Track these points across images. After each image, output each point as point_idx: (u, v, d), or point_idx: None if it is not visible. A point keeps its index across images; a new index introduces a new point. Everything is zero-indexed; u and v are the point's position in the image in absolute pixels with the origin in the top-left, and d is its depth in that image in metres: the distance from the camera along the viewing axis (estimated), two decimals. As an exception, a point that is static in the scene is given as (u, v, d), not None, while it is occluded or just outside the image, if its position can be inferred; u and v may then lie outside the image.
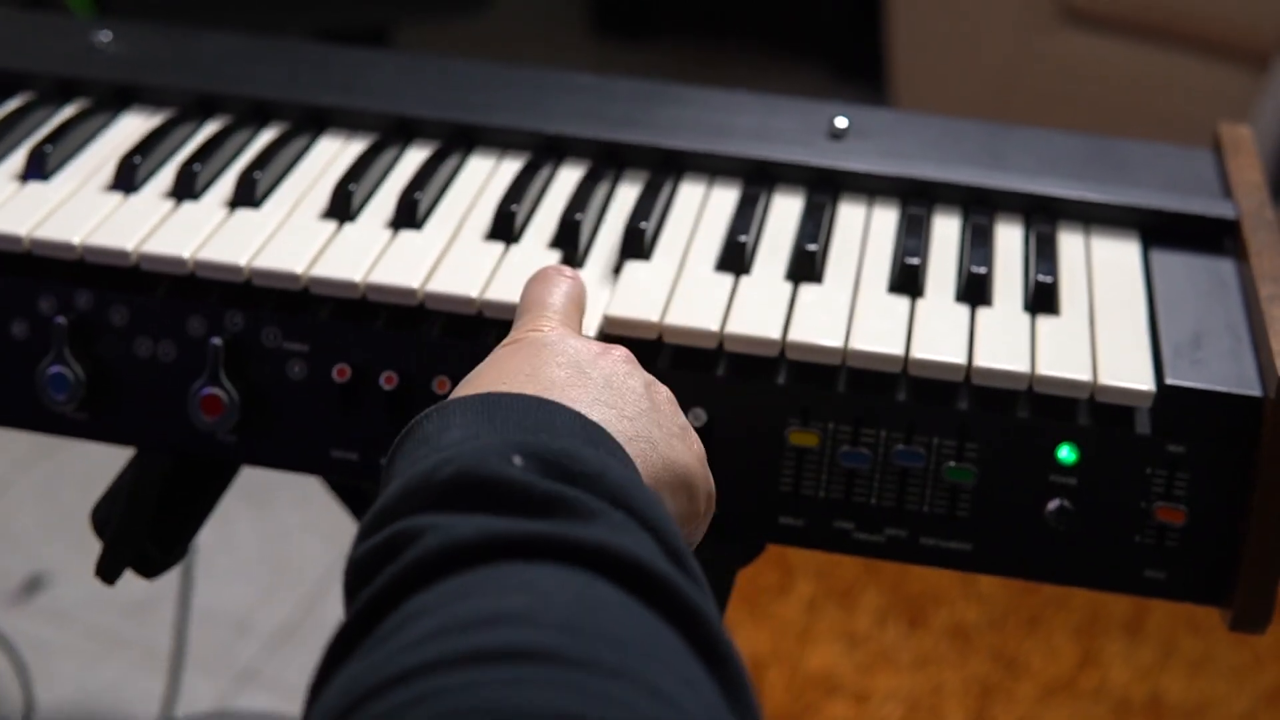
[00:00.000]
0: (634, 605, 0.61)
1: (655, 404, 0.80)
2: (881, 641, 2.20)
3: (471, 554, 0.62)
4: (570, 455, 0.68)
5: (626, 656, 0.57)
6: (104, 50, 1.15)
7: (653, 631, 0.60)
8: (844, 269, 0.99)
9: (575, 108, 1.10)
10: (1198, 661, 2.20)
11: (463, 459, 0.67)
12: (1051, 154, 1.09)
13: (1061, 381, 0.90)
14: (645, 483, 0.74)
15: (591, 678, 0.55)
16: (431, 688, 0.54)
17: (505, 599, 0.59)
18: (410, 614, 0.59)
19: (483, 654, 0.56)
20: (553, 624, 0.57)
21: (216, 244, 0.96)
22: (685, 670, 0.59)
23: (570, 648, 0.56)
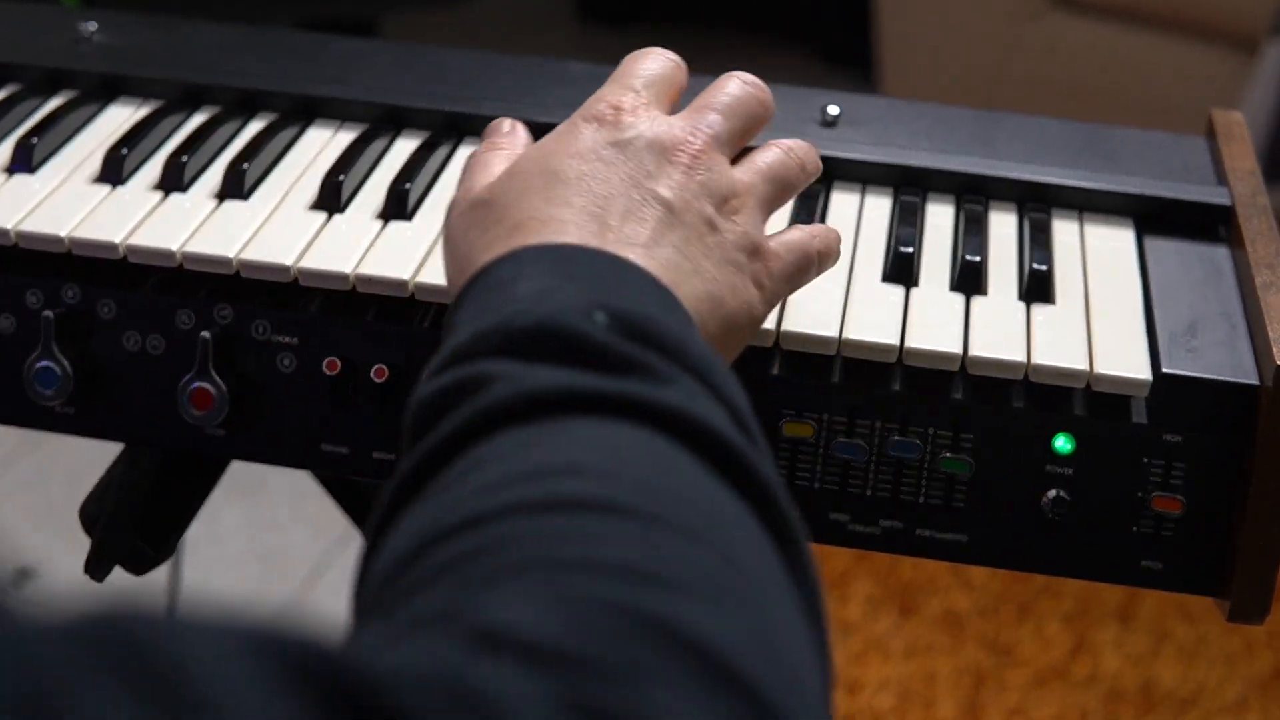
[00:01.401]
0: (708, 474, 0.59)
1: (723, 235, 0.78)
2: (873, 631, 2.20)
3: (546, 405, 0.60)
4: (653, 320, 0.66)
5: (698, 520, 0.56)
6: (90, 41, 1.14)
7: (725, 501, 0.59)
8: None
9: (566, 97, 1.09)
10: (1190, 649, 2.20)
11: (543, 310, 0.65)
12: (1044, 141, 1.08)
13: (1057, 371, 0.89)
14: (710, 341, 0.73)
15: (663, 535, 0.54)
16: (501, 534, 0.53)
17: (579, 452, 0.58)
18: (479, 459, 0.58)
19: (554, 503, 0.54)
20: (628, 480, 0.56)
21: (205, 236, 0.95)
22: (755, 542, 0.58)
23: (644, 505, 0.55)
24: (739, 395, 0.66)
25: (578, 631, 0.47)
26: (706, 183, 0.78)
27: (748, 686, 0.48)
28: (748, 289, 0.78)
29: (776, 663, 0.51)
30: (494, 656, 0.44)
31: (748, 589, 0.54)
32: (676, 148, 0.79)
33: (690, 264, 0.75)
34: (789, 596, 0.57)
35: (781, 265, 0.82)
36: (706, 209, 0.78)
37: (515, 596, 0.49)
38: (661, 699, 0.45)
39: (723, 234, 0.78)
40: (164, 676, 0.36)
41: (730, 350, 0.79)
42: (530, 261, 0.71)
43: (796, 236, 0.85)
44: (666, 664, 0.47)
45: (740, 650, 0.49)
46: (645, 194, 0.76)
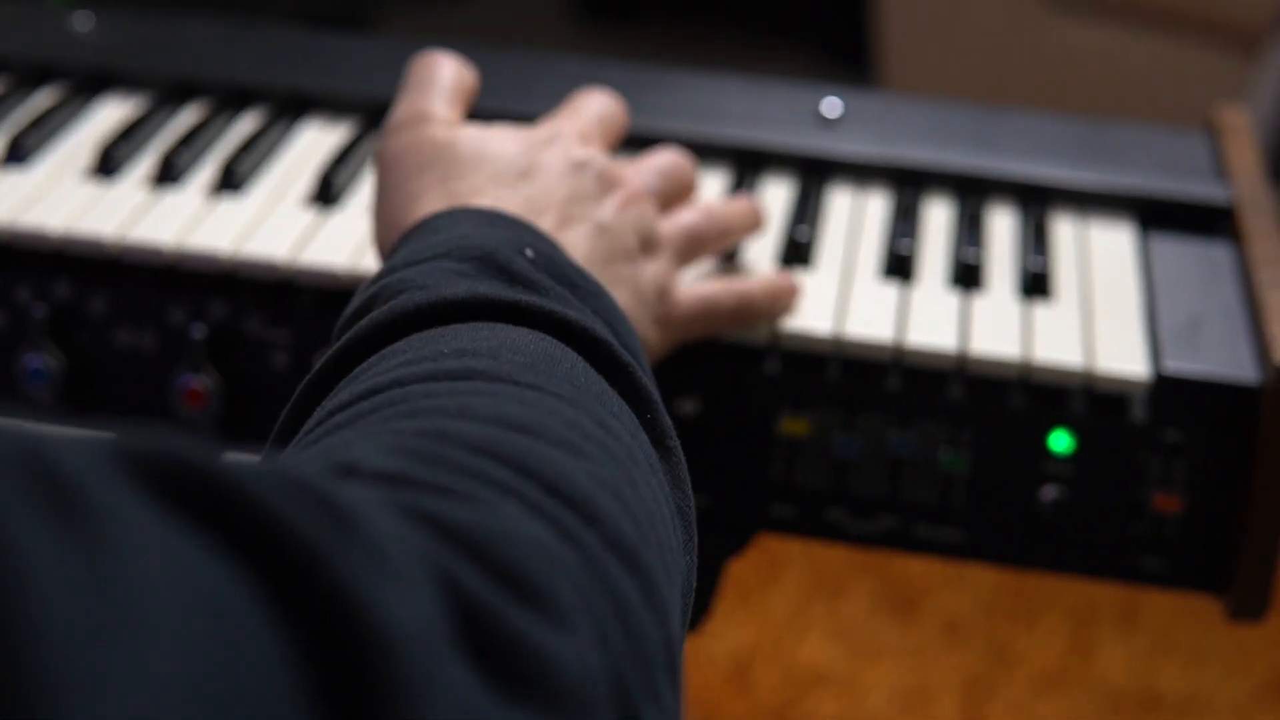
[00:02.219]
0: (598, 376, 0.65)
1: (637, 269, 0.83)
2: (871, 633, 2.20)
3: (456, 310, 0.65)
4: (573, 267, 0.73)
5: (581, 394, 0.61)
6: (82, 35, 1.14)
7: (611, 395, 0.64)
8: (835, 255, 0.97)
9: (560, 93, 1.08)
10: (1191, 653, 2.19)
11: (472, 235, 0.71)
12: (1044, 138, 1.07)
13: (1056, 368, 0.89)
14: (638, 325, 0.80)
15: (543, 396, 0.59)
16: (391, 397, 0.58)
17: (475, 342, 0.63)
18: (386, 354, 0.63)
19: (443, 373, 0.59)
20: (513, 361, 0.61)
21: (197, 232, 0.95)
22: (632, 427, 0.63)
23: (525, 378, 0.60)
24: (640, 351, 0.73)
25: (434, 463, 0.52)
26: (636, 221, 0.84)
27: (594, 512, 0.52)
28: (645, 325, 0.83)
29: (630, 509, 0.55)
30: (346, 479, 0.49)
31: (614, 449, 0.59)
32: (620, 183, 0.84)
33: (607, 277, 0.80)
34: (659, 485, 0.62)
35: (683, 314, 0.86)
36: (631, 243, 0.83)
37: (379, 440, 0.54)
38: (501, 516, 0.49)
39: (638, 268, 0.83)
40: (61, 490, 0.38)
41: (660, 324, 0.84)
42: (469, 216, 0.75)
43: (709, 292, 0.88)
44: (515, 490, 0.51)
45: (592, 488, 0.54)
46: (584, 211, 0.82)
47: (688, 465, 0.67)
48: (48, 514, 0.37)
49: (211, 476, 0.41)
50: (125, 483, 0.40)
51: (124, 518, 0.39)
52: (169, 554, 0.39)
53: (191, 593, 0.38)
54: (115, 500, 0.39)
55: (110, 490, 0.39)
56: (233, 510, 0.41)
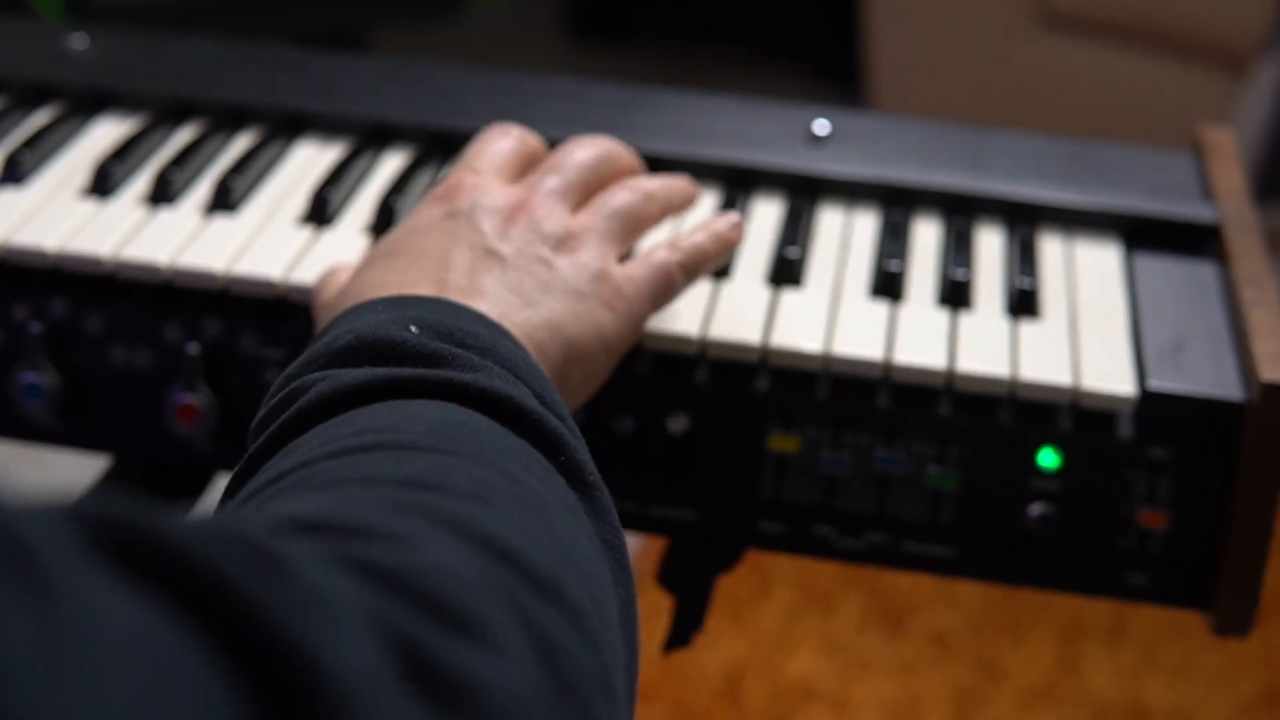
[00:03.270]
0: (502, 429, 0.66)
1: (558, 270, 0.83)
2: (861, 648, 2.20)
3: (355, 396, 0.67)
4: (462, 329, 0.73)
5: (484, 450, 0.62)
6: (78, 55, 1.14)
7: (516, 444, 0.65)
8: (824, 274, 0.98)
9: (553, 113, 1.09)
10: (1178, 667, 2.20)
11: (360, 328, 0.72)
12: (1032, 158, 1.08)
13: (1043, 386, 0.89)
14: (550, 366, 0.79)
15: (444, 457, 0.60)
16: (299, 476, 0.60)
17: (376, 419, 0.65)
18: (295, 446, 0.65)
19: (347, 449, 0.61)
20: (417, 430, 0.63)
21: (193, 250, 0.95)
22: (545, 474, 0.64)
23: (430, 442, 0.61)
24: (548, 386, 0.73)
25: (351, 513, 0.54)
26: (538, 229, 0.84)
27: (512, 555, 0.54)
28: (593, 313, 0.82)
29: (548, 549, 0.57)
30: (282, 532, 0.51)
31: (527, 498, 0.60)
32: (509, 207, 0.85)
33: (520, 298, 0.80)
34: (579, 520, 0.63)
35: (635, 286, 0.85)
36: (541, 251, 0.83)
37: (310, 499, 0.57)
38: (422, 553, 0.51)
39: (557, 270, 0.83)
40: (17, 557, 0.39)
41: (585, 368, 0.83)
42: (364, 310, 0.76)
43: (655, 258, 0.88)
44: (428, 532, 0.53)
45: (509, 533, 0.55)
46: (478, 249, 0.82)
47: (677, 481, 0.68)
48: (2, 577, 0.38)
49: (157, 538, 0.43)
50: (77, 546, 0.41)
51: (75, 580, 0.40)
52: (117, 614, 0.40)
53: (140, 650, 0.40)
54: (67, 563, 0.40)
55: (62, 554, 0.40)
56: (177, 568, 0.42)
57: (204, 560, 0.43)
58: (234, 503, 0.63)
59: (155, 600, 0.41)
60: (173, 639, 0.41)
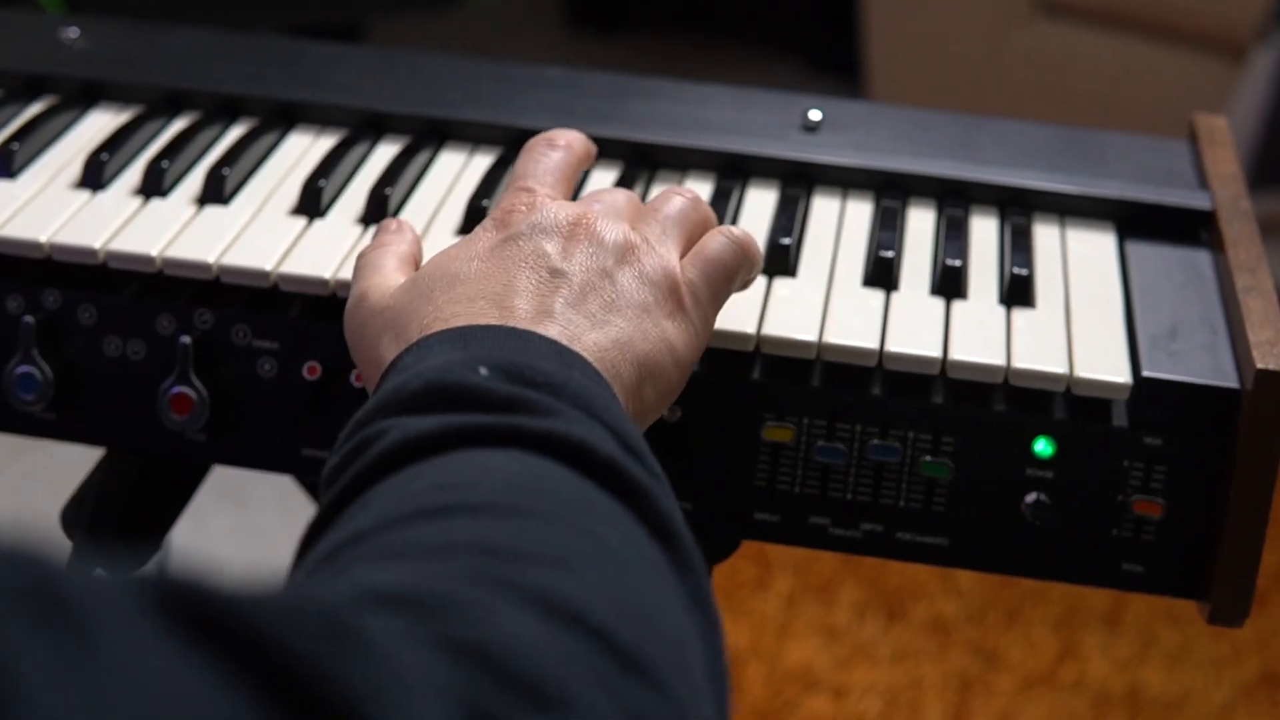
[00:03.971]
0: (580, 480, 0.64)
1: (622, 285, 0.81)
2: (860, 636, 2.20)
3: (428, 445, 0.65)
4: (533, 367, 0.71)
5: (562, 508, 0.61)
6: (71, 46, 1.14)
7: (595, 498, 0.63)
8: (818, 263, 0.98)
9: (547, 102, 1.09)
10: (1176, 654, 2.20)
11: (430, 371, 0.70)
12: (1026, 146, 1.08)
13: (1037, 374, 0.89)
14: (623, 385, 0.78)
15: (519, 520, 0.59)
16: (378, 541, 0.58)
17: (451, 474, 0.63)
18: (369, 499, 0.63)
19: (423, 511, 0.59)
20: (491, 487, 0.61)
21: (185, 242, 0.95)
22: (626, 530, 0.62)
23: (506, 501, 0.60)
24: (625, 422, 0.71)
25: (437, 586, 0.52)
26: (601, 243, 0.82)
27: (596, 628, 0.52)
28: (659, 326, 0.81)
29: (631, 615, 0.54)
30: (361, 604, 0.50)
31: (607, 560, 0.58)
32: (569, 224, 0.83)
33: (589, 320, 0.79)
34: (664, 578, 0.61)
35: (695, 294, 0.84)
36: (606, 264, 0.81)
37: (386, 570, 0.55)
38: (506, 629, 0.49)
39: (621, 284, 0.81)
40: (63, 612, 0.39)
41: (658, 384, 0.81)
42: (432, 344, 0.75)
43: (712, 251, 0.86)
44: (510, 606, 0.51)
45: (591, 602, 0.53)
46: (541, 271, 0.80)
47: (669, 472, 0.68)
48: (49, 639, 0.38)
49: (223, 605, 0.42)
50: (135, 610, 0.40)
51: (124, 641, 0.39)
52: (168, 677, 0.39)
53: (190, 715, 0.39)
54: (119, 627, 0.39)
55: (115, 615, 0.39)
56: (242, 637, 0.41)
57: (271, 630, 0.42)
58: (308, 562, 0.61)
59: (214, 666, 0.40)
60: (230, 707, 0.40)
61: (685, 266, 0.85)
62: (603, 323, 0.79)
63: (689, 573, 0.63)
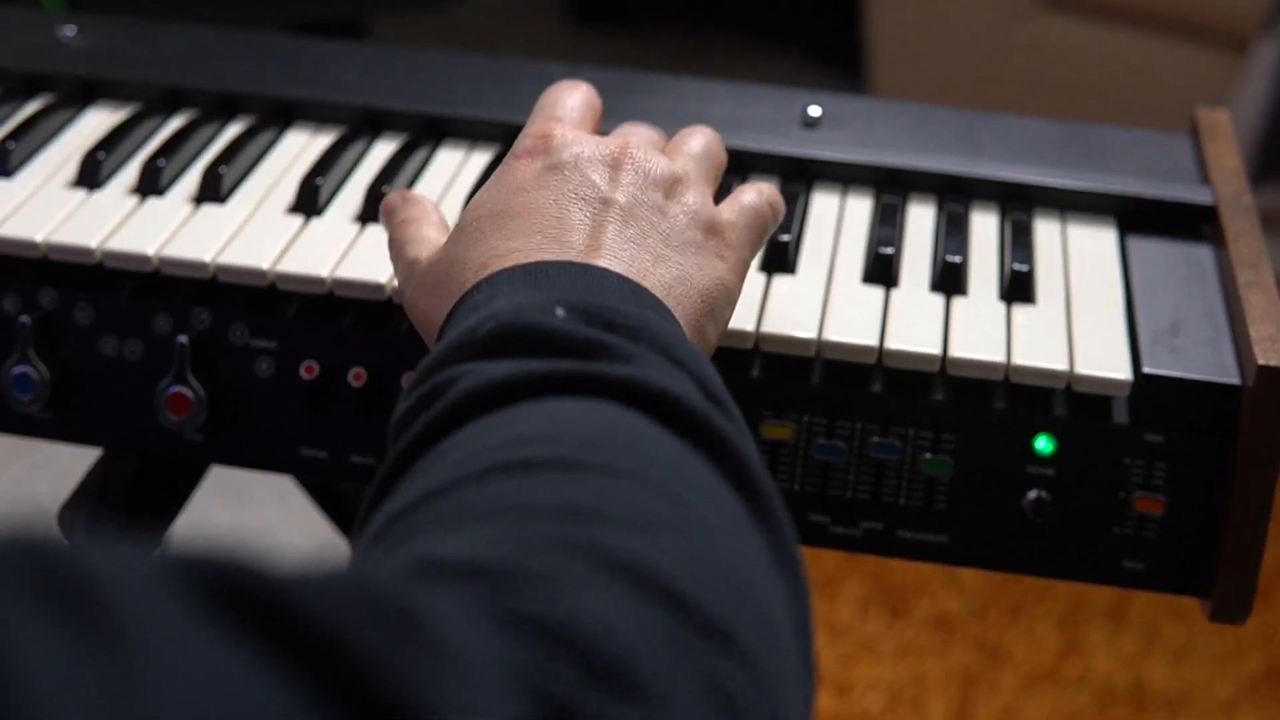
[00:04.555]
0: (663, 433, 0.61)
1: (675, 220, 0.80)
2: (863, 632, 2.20)
3: (504, 393, 0.63)
4: (612, 308, 0.68)
5: (646, 466, 0.58)
6: (69, 44, 1.14)
7: (679, 454, 0.61)
8: (818, 259, 0.98)
9: (546, 98, 1.09)
10: (1180, 649, 2.20)
11: (504, 313, 0.67)
12: (1027, 141, 1.08)
13: (1038, 371, 0.89)
14: (689, 322, 0.75)
15: (601, 479, 0.56)
16: (452, 500, 0.56)
17: (530, 426, 0.60)
18: (443, 451, 0.61)
19: (498, 467, 0.57)
20: (574, 441, 0.58)
21: (182, 241, 0.95)
22: (711, 489, 0.59)
23: (588, 458, 0.57)
24: (705, 366, 0.69)
25: (506, 555, 0.49)
26: (648, 174, 0.80)
27: (680, 599, 0.50)
28: (712, 264, 0.80)
29: (715, 583, 0.52)
30: (423, 579, 0.47)
31: (692, 524, 0.56)
32: (612, 155, 0.81)
33: (651, 255, 0.77)
34: (748, 538, 0.59)
35: (737, 234, 0.83)
36: (656, 198, 0.80)
37: (453, 537, 0.52)
38: (584, 604, 0.47)
39: (674, 218, 0.80)
40: (84, 603, 0.37)
41: (718, 322, 0.80)
42: (502, 282, 0.73)
43: (747, 199, 0.85)
44: (591, 577, 0.49)
45: (675, 571, 0.51)
46: (594, 203, 0.78)
47: None
48: (63, 626, 0.36)
49: (265, 586, 0.40)
50: (168, 594, 0.38)
51: (157, 631, 0.37)
52: (208, 669, 0.37)
53: (225, 701, 0.37)
54: (149, 612, 0.37)
55: (144, 601, 0.38)
56: (285, 619, 0.40)
57: (321, 614, 0.40)
58: (376, 523, 0.58)
59: (258, 653, 0.38)
60: (269, 692, 0.38)
61: (724, 209, 0.84)
62: (663, 258, 0.77)
63: (775, 530, 0.61)
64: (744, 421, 0.67)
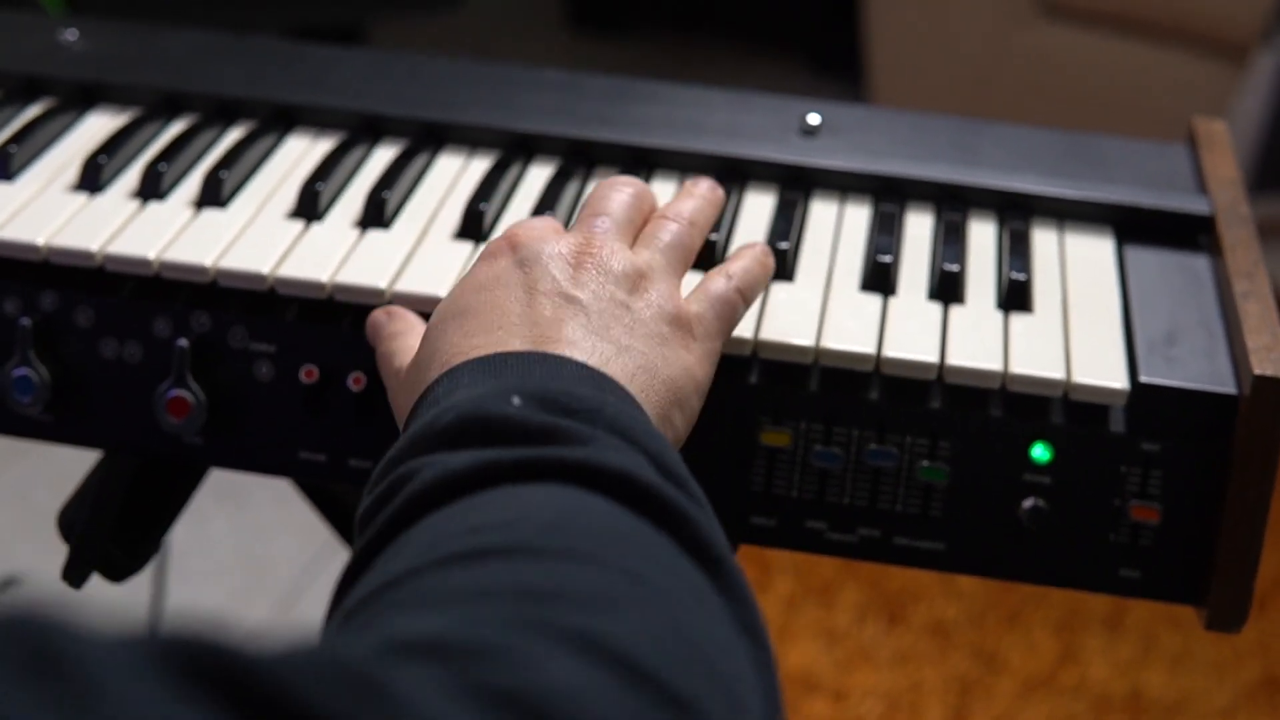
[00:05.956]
0: (620, 511, 0.62)
1: (639, 314, 0.80)
2: (861, 639, 2.20)
3: (463, 482, 0.64)
4: (567, 392, 0.69)
5: (603, 547, 0.59)
6: (70, 48, 1.14)
7: (637, 530, 0.62)
8: (816, 267, 0.98)
9: (545, 105, 1.09)
10: (1177, 657, 2.20)
11: (463, 405, 0.69)
12: (1025, 150, 1.08)
13: (1035, 380, 0.89)
14: (654, 411, 0.76)
15: (557, 562, 0.57)
16: (410, 588, 0.57)
17: (488, 514, 0.61)
18: (405, 541, 0.62)
19: (457, 555, 0.58)
20: (530, 527, 0.59)
21: (182, 244, 0.95)
22: (670, 563, 0.61)
23: (545, 543, 0.58)
24: (663, 445, 0.70)
25: (469, 633, 0.50)
26: (610, 272, 0.81)
27: (642, 672, 0.50)
28: (678, 355, 0.80)
29: (676, 655, 0.53)
30: (395, 656, 0.48)
31: (654, 599, 0.56)
32: (575, 252, 0.82)
33: (614, 345, 0.78)
34: (711, 608, 0.60)
35: (705, 325, 0.84)
36: (618, 294, 0.80)
37: (415, 619, 0.53)
38: (550, 677, 0.48)
39: (638, 313, 0.80)
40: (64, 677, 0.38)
41: (686, 412, 0.81)
42: (462, 374, 0.74)
43: (715, 289, 0.86)
44: (554, 651, 0.49)
45: (636, 644, 0.51)
46: (555, 298, 0.79)
47: None
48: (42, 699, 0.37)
49: (236, 661, 0.41)
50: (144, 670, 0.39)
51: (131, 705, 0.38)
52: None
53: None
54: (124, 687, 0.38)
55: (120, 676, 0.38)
56: (257, 694, 0.40)
57: (293, 689, 0.41)
58: (341, 612, 0.59)
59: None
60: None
61: (691, 301, 0.84)
62: (627, 349, 0.78)
63: (737, 601, 0.61)
64: (705, 498, 0.68)
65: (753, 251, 0.90)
